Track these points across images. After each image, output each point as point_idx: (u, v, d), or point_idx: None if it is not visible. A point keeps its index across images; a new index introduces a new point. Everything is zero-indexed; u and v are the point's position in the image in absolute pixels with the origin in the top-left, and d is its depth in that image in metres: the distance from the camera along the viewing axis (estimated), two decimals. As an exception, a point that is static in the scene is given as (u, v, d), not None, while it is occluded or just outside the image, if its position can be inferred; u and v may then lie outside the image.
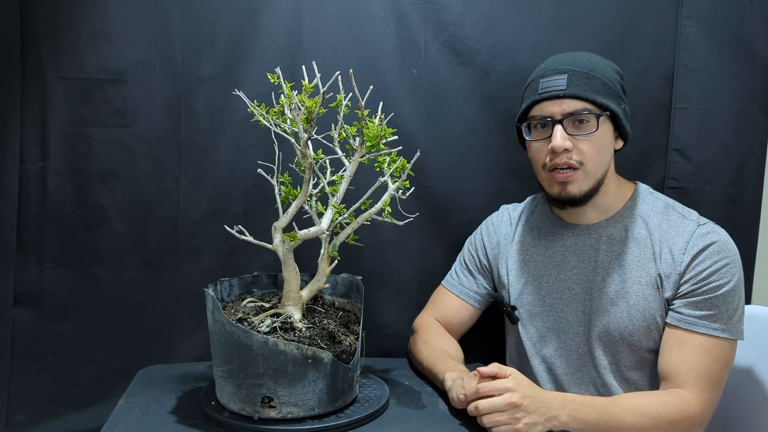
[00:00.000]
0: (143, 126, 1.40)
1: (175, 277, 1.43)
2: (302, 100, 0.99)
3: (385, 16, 1.42)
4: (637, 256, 1.15)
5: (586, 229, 1.21)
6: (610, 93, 1.12)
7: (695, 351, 1.08)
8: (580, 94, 1.11)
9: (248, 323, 1.02)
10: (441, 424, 1.04)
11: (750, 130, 1.53)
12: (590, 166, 1.14)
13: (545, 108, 1.14)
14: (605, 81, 1.13)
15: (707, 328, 1.08)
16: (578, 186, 1.15)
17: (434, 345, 1.26)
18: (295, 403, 0.98)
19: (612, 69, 1.16)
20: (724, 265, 1.10)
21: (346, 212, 1.05)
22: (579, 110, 1.11)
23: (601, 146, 1.13)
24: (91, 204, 1.40)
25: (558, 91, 1.12)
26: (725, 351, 1.09)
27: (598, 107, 1.11)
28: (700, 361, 1.07)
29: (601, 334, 1.17)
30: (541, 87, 1.14)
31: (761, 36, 1.50)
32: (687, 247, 1.11)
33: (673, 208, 1.18)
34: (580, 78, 1.12)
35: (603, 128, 1.13)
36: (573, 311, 1.21)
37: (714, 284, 1.09)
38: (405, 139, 1.18)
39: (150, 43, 1.38)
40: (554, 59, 1.18)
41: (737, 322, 1.10)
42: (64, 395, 1.43)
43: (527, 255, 1.28)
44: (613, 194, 1.20)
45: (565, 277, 1.22)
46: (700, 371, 1.07)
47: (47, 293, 1.41)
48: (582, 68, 1.13)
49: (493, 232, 1.34)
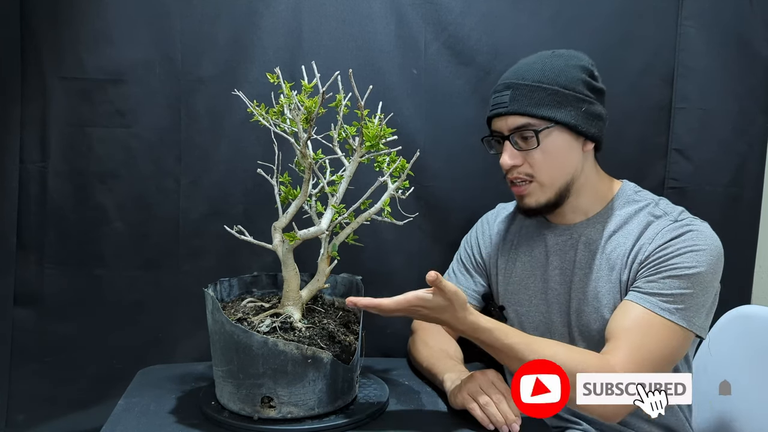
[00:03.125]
0: (143, 126, 1.40)
1: (175, 277, 1.43)
2: (302, 100, 0.99)
3: (385, 16, 1.42)
4: (610, 256, 1.15)
5: (567, 229, 1.21)
6: (559, 101, 1.10)
7: (635, 322, 1.05)
8: (521, 110, 1.10)
9: (248, 323, 1.02)
10: (441, 424, 1.04)
11: (750, 130, 1.53)
12: (543, 178, 1.13)
13: (496, 124, 1.16)
14: (554, 89, 1.10)
15: (654, 305, 1.04)
16: (535, 198, 1.15)
17: (433, 345, 1.26)
18: (294, 403, 0.98)
19: (574, 68, 1.12)
20: (692, 250, 1.06)
21: (345, 212, 1.05)
22: (521, 126, 1.11)
23: (552, 157, 1.12)
24: (91, 204, 1.41)
25: (502, 108, 1.12)
26: (669, 335, 1.04)
27: (541, 120, 1.10)
28: (637, 333, 1.04)
29: (582, 335, 1.17)
30: (492, 103, 1.16)
31: (761, 36, 1.50)
32: (655, 239, 1.09)
33: (657, 205, 1.16)
34: (524, 92, 1.11)
35: (550, 139, 1.11)
36: (556, 311, 1.21)
37: (676, 266, 1.06)
38: (405, 139, 1.18)
39: (150, 43, 1.38)
40: (511, 69, 1.16)
41: (695, 312, 1.05)
42: (64, 395, 1.43)
43: (515, 255, 1.28)
44: (592, 196, 1.19)
45: (548, 278, 1.22)
46: (633, 342, 1.03)
47: (47, 293, 1.41)
48: (528, 80, 1.11)
49: (488, 230, 1.35)
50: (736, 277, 1.48)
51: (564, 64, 1.13)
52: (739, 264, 1.52)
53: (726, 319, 1.30)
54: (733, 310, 1.30)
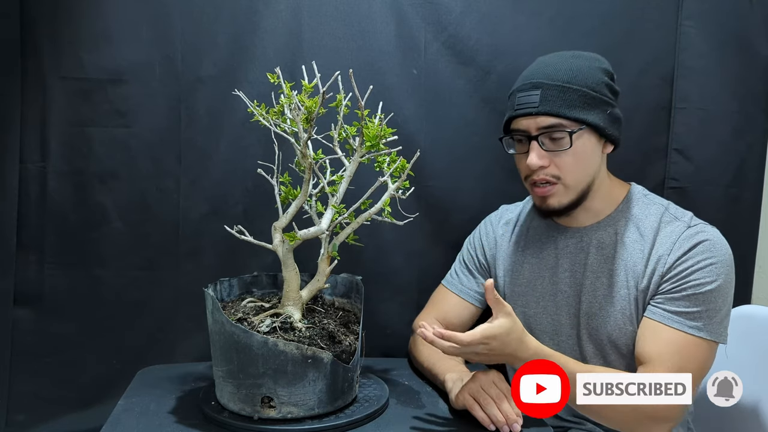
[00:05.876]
0: (143, 126, 1.40)
1: (175, 277, 1.43)
2: (302, 100, 0.99)
3: (385, 16, 1.42)
4: (625, 260, 1.14)
5: (578, 232, 1.21)
6: (588, 103, 1.10)
7: (668, 346, 1.06)
8: (553, 110, 1.09)
9: (248, 323, 1.02)
10: (441, 424, 1.04)
11: (750, 130, 1.53)
12: (569, 180, 1.13)
13: (521, 123, 1.13)
14: (584, 91, 1.09)
15: (682, 324, 1.06)
16: (558, 199, 1.14)
17: (434, 345, 1.26)
18: (294, 403, 0.98)
19: (598, 70, 1.12)
20: (710, 264, 1.07)
21: (345, 212, 1.05)
22: (552, 126, 1.10)
23: (580, 159, 1.12)
24: (91, 204, 1.40)
25: (531, 108, 1.10)
26: (701, 351, 1.06)
27: (573, 121, 1.09)
28: (674, 357, 1.04)
29: (591, 338, 1.17)
30: (517, 102, 1.13)
31: (761, 36, 1.50)
32: (673, 248, 1.10)
33: (667, 210, 1.16)
34: (554, 92, 1.09)
35: (581, 141, 1.11)
36: (565, 314, 1.21)
37: (696, 282, 1.07)
38: (405, 139, 1.18)
39: (150, 43, 1.38)
40: (534, 68, 1.15)
41: (718, 323, 1.07)
42: (64, 395, 1.43)
43: (522, 256, 1.28)
44: (605, 197, 1.19)
45: (558, 280, 1.22)
46: (674, 368, 1.03)
47: (47, 293, 1.41)
48: (557, 80, 1.10)
49: (491, 232, 1.34)
50: (736, 277, 1.47)
51: (589, 66, 1.12)
52: (739, 264, 1.50)
53: (726, 319, 1.30)
54: (733, 310, 1.29)
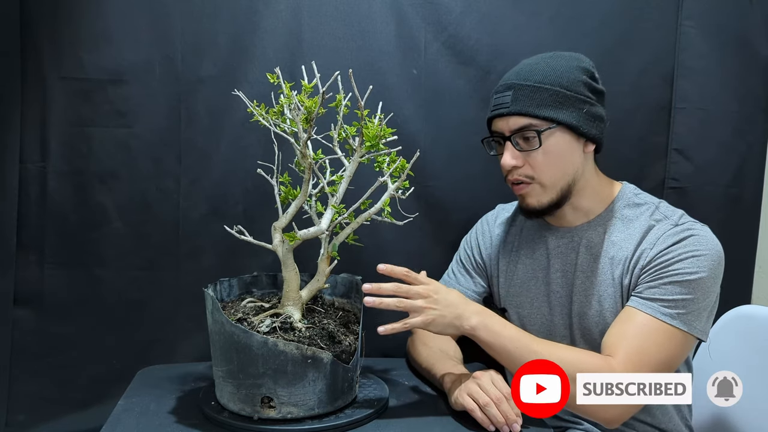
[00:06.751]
0: (143, 126, 1.40)
1: (175, 277, 1.43)
2: (302, 100, 0.99)
3: (385, 16, 1.42)
4: (612, 258, 1.14)
5: (569, 231, 1.21)
6: (561, 102, 1.10)
7: (636, 327, 1.05)
8: (523, 110, 1.10)
9: (248, 323, 1.02)
10: (441, 424, 1.04)
11: (750, 130, 1.53)
12: (544, 179, 1.13)
13: (497, 124, 1.15)
14: (556, 90, 1.09)
15: (656, 311, 1.05)
16: (537, 199, 1.15)
17: (432, 345, 1.26)
18: (294, 403, 0.98)
19: (575, 69, 1.12)
20: (693, 255, 1.06)
21: (345, 212, 1.05)
22: (523, 127, 1.11)
23: (553, 158, 1.11)
24: (91, 204, 1.40)
25: (503, 109, 1.12)
26: (672, 341, 1.05)
27: (544, 120, 1.10)
28: (637, 337, 1.04)
29: (584, 337, 1.17)
30: (493, 103, 1.15)
31: (761, 36, 1.50)
32: (656, 243, 1.09)
33: (657, 209, 1.15)
34: (526, 92, 1.10)
35: (553, 140, 1.10)
36: (558, 314, 1.21)
37: (677, 271, 1.06)
38: (405, 139, 1.18)
39: (150, 43, 1.38)
40: (513, 69, 1.16)
41: (695, 316, 1.05)
42: (64, 395, 1.43)
43: (517, 256, 1.28)
44: (593, 196, 1.18)
45: (550, 281, 1.22)
46: (632, 346, 1.03)
47: (47, 293, 1.41)
48: (530, 80, 1.10)
49: (488, 231, 1.34)
50: (736, 277, 1.48)
51: (565, 65, 1.12)
52: (739, 264, 1.52)
53: (726, 319, 1.30)
54: (733, 310, 1.30)
